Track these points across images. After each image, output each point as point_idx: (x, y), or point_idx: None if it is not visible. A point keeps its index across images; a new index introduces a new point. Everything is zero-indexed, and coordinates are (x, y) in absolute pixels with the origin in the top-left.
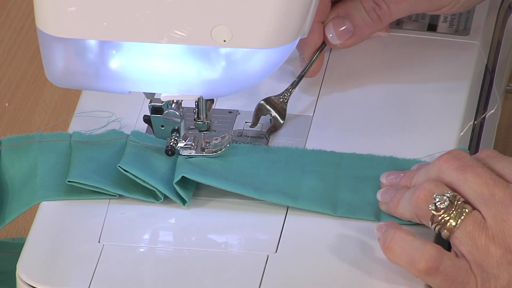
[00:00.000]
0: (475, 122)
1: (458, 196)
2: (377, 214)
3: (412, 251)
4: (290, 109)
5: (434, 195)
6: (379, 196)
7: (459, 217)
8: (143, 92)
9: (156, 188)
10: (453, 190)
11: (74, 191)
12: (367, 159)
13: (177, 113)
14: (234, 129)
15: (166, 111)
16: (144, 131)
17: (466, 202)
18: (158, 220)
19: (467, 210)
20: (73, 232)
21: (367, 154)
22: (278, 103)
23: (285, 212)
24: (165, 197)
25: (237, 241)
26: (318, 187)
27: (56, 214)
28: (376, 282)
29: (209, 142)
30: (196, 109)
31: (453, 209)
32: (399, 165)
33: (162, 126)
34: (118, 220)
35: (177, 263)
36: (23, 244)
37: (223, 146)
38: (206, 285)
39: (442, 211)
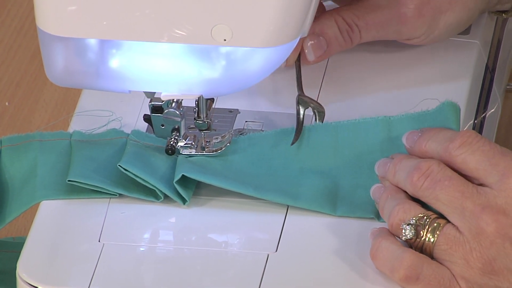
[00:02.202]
0: (475, 121)
1: (428, 213)
2: (377, 212)
3: (393, 260)
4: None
5: (402, 226)
6: (371, 192)
7: (435, 232)
8: (143, 91)
9: (156, 187)
10: (431, 206)
11: (74, 190)
12: (362, 129)
13: (177, 112)
14: (234, 128)
15: (166, 110)
16: (144, 130)
17: (439, 217)
18: (158, 219)
19: (441, 225)
20: (73, 231)
21: (361, 120)
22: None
23: (285, 211)
24: (165, 196)
25: (237, 240)
26: (318, 186)
27: (56, 213)
28: (376, 282)
29: (209, 141)
30: (196, 108)
31: (427, 227)
32: (393, 127)
33: (162, 125)
34: (118, 219)
35: (177, 262)
36: (23, 243)
37: (223, 145)
38: (206, 284)
39: (413, 238)
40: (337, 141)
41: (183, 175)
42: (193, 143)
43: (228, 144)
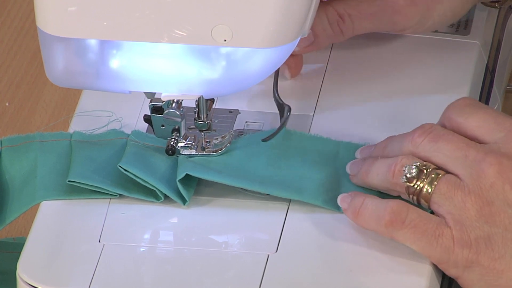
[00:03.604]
0: None
1: (429, 164)
2: None
3: (377, 211)
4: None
5: (403, 167)
6: (348, 169)
7: (433, 183)
8: (144, 92)
9: (156, 188)
10: (429, 162)
11: (75, 190)
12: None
13: (178, 112)
14: (234, 128)
15: (167, 111)
16: (144, 131)
17: (439, 168)
18: (159, 220)
19: (440, 175)
20: (74, 231)
21: (363, 144)
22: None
23: (286, 211)
24: (166, 196)
25: (238, 241)
26: (321, 181)
27: (57, 214)
28: (377, 281)
29: (209, 141)
30: (197, 109)
31: (424, 177)
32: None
33: (163, 126)
34: (118, 220)
35: (177, 263)
36: (24, 244)
37: (223, 146)
38: (207, 285)
39: (414, 180)
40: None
41: (185, 174)
42: (193, 143)
43: (228, 145)
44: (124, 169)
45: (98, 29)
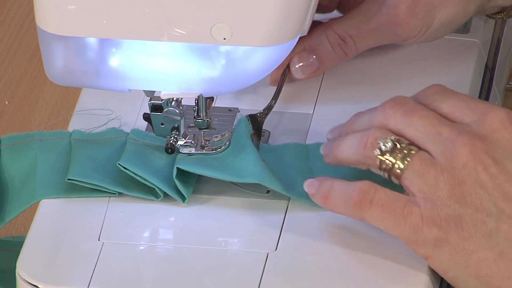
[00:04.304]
0: None
1: (402, 139)
2: None
3: (346, 192)
4: (291, 107)
5: (378, 140)
6: (321, 150)
7: (405, 159)
8: (143, 90)
9: (156, 186)
10: (400, 136)
11: (74, 189)
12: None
13: (177, 111)
14: (233, 127)
15: (166, 109)
16: (144, 129)
17: (412, 144)
18: (158, 218)
19: (413, 152)
20: (73, 230)
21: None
22: (256, 121)
23: (285, 210)
24: (165, 195)
25: (237, 239)
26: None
27: (56, 212)
28: (377, 280)
29: (209, 140)
30: (196, 107)
31: (397, 152)
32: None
33: (162, 124)
34: (118, 218)
35: (177, 261)
36: (23, 242)
37: (223, 144)
38: (206, 283)
39: (387, 154)
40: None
41: (183, 171)
42: (193, 142)
43: (227, 143)
44: (123, 167)
45: (98, 27)
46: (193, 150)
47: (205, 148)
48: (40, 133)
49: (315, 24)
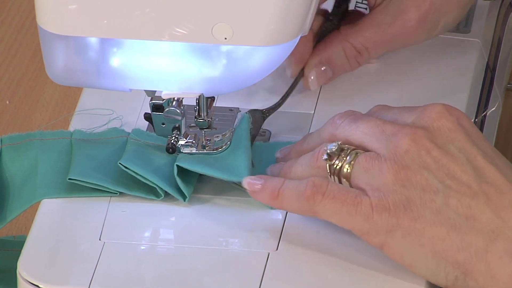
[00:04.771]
0: (476, 120)
1: (349, 146)
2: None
3: (299, 186)
4: (291, 107)
5: (325, 147)
6: (268, 171)
7: (352, 160)
8: (144, 90)
9: (157, 185)
10: (348, 142)
11: (75, 189)
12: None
13: (178, 111)
14: (234, 126)
15: (167, 109)
16: (145, 129)
17: (359, 148)
18: (159, 218)
19: (358, 153)
20: (74, 230)
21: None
22: (258, 117)
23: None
24: (166, 194)
25: (238, 239)
26: None
27: (57, 212)
28: (377, 280)
29: (210, 139)
30: (197, 107)
31: (343, 155)
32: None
33: (163, 124)
34: (119, 218)
35: (178, 261)
36: (24, 242)
37: (224, 144)
38: (207, 283)
39: (335, 158)
40: None
41: (184, 170)
42: (194, 141)
43: (228, 143)
44: (124, 167)
45: (99, 27)
46: (194, 150)
47: (206, 148)
48: (41, 133)
49: (329, 35)
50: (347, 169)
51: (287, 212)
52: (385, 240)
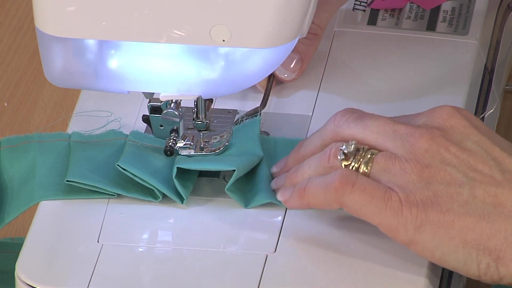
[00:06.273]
0: None
1: (364, 146)
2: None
3: (326, 179)
4: (289, 109)
5: (340, 147)
6: (273, 184)
7: (369, 161)
8: (142, 92)
9: (154, 187)
10: (355, 140)
11: (73, 190)
12: (296, 142)
13: (176, 112)
14: (234, 126)
15: (165, 111)
16: (143, 131)
17: (372, 148)
18: (157, 220)
19: (374, 154)
20: (72, 231)
21: (297, 138)
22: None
23: (284, 211)
24: (164, 196)
25: (236, 241)
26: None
27: (55, 213)
28: (377, 282)
29: (208, 141)
30: (195, 109)
31: (359, 156)
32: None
33: (161, 126)
34: (117, 220)
35: (176, 263)
36: (22, 244)
37: (221, 145)
38: (205, 285)
39: (351, 158)
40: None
41: (182, 172)
42: (192, 143)
43: (226, 144)
44: (122, 168)
45: (97, 29)
46: (192, 152)
47: (204, 150)
48: (39, 135)
49: None
50: (366, 169)
51: (285, 214)
52: (414, 236)
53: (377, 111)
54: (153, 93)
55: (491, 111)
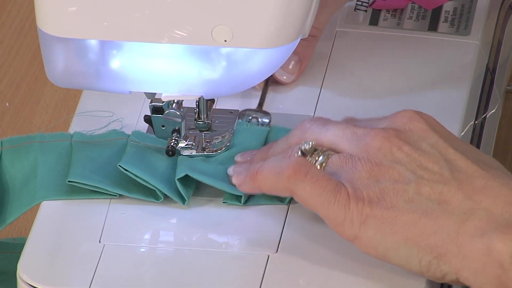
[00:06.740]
0: (476, 122)
1: (322, 148)
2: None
3: (280, 165)
4: (291, 110)
5: (299, 145)
6: (230, 171)
7: (324, 160)
8: (144, 92)
9: (156, 187)
10: (319, 145)
11: (75, 191)
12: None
13: (178, 113)
14: (234, 127)
15: (167, 111)
16: (144, 131)
17: (331, 150)
18: (159, 220)
19: (331, 154)
20: (74, 232)
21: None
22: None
23: (286, 212)
24: (165, 197)
25: (238, 241)
26: None
27: (57, 214)
28: (377, 281)
29: (209, 141)
30: (197, 109)
31: (316, 155)
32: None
33: (163, 126)
34: (118, 220)
35: (177, 263)
36: (24, 244)
37: (223, 145)
38: (207, 285)
39: (307, 156)
40: None
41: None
42: (194, 143)
43: (228, 144)
44: (124, 169)
45: (98, 29)
46: (194, 152)
47: (206, 150)
48: (41, 135)
49: None
50: (320, 166)
51: (287, 215)
52: (358, 231)
53: (378, 111)
54: (155, 93)
55: (492, 111)
